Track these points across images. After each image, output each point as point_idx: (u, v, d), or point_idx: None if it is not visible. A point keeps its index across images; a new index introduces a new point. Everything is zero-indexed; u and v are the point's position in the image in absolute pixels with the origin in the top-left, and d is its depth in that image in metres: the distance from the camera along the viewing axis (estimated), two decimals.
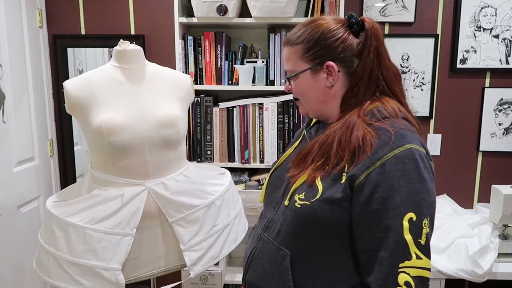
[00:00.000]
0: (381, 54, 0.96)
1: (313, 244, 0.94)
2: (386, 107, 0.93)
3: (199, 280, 2.06)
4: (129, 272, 1.34)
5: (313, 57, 0.97)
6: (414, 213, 0.83)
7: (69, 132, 2.33)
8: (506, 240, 1.87)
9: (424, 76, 2.21)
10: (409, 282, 0.82)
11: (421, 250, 0.83)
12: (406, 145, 0.86)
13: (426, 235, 0.84)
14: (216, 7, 1.91)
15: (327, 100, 0.99)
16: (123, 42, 1.40)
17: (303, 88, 1.01)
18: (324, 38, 0.95)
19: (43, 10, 2.21)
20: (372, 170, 0.85)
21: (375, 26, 0.95)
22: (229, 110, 2.07)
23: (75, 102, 1.34)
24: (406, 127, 0.90)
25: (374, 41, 0.94)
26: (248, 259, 1.06)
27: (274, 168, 1.13)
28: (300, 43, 0.98)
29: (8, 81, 1.91)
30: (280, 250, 0.97)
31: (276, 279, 0.97)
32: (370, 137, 0.88)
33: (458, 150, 2.28)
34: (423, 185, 0.85)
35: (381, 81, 0.96)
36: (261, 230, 1.05)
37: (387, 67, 0.96)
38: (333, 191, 0.89)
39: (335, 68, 0.95)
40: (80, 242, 1.28)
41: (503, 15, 2.14)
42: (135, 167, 1.34)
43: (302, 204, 0.92)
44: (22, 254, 2.01)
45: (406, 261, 0.83)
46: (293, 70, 1.01)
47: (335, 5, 1.96)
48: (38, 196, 2.17)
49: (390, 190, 0.84)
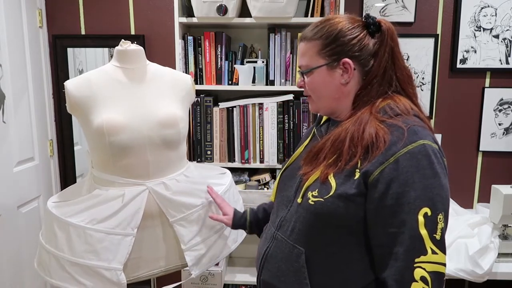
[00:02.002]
0: (396, 55, 0.97)
1: (327, 241, 0.94)
2: (398, 104, 0.95)
3: (199, 280, 2.06)
4: (130, 272, 1.34)
5: (330, 53, 0.97)
6: (429, 208, 0.84)
7: (69, 132, 2.32)
8: (506, 240, 1.87)
9: (424, 76, 2.21)
10: (425, 277, 0.83)
11: (436, 245, 0.84)
12: (419, 140, 0.87)
13: (441, 230, 0.85)
14: (216, 7, 1.91)
15: (340, 97, 1.00)
16: (124, 42, 1.40)
17: (317, 84, 1.01)
18: (342, 35, 0.96)
19: (43, 10, 2.21)
20: (386, 166, 0.86)
21: (391, 28, 0.98)
22: (229, 110, 2.07)
23: (76, 102, 1.34)
24: (419, 123, 0.91)
25: (390, 42, 0.96)
26: (262, 259, 1.06)
27: (285, 167, 1.13)
28: (318, 39, 0.98)
29: (8, 81, 1.91)
30: (295, 248, 0.97)
31: (291, 277, 0.98)
32: (383, 133, 0.88)
33: (458, 150, 2.28)
34: (437, 180, 0.85)
35: (394, 81, 0.97)
36: (274, 229, 1.05)
37: (401, 68, 0.98)
38: (346, 187, 0.90)
39: (351, 65, 0.96)
40: (81, 242, 1.28)
41: (503, 15, 2.14)
42: (135, 167, 1.34)
43: (316, 201, 0.93)
44: (22, 254, 2.01)
45: (422, 256, 0.83)
46: (308, 65, 1.01)
47: (335, 5, 1.96)
48: (38, 196, 2.17)
49: (404, 185, 0.85)
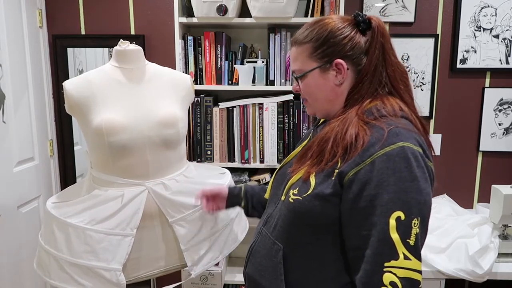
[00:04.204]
0: (387, 51, 0.96)
1: (304, 240, 0.95)
2: (385, 105, 0.93)
3: (199, 280, 2.06)
4: (130, 272, 1.34)
5: (322, 55, 0.96)
6: (402, 212, 0.81)
7: (69, 132, 2.33)
8: (506, 240, 1.86)
9: (424, 76, 2.21)
10: (395, 282, 0.80)
11: (409, 251, 0.81)
12: (399, 143, 0.84)
13: (416, 235, 0.81)
14: (216, 7, 1.91)
15: (335, 98, 0.99)
16: (123, 42, 1.40)
17: (312, 87, 1.00)
18: (332, 36, 0.95)
19: (43, 10, 2.21)
20: (362, 167, 0.85)
21: (381, 24, 0.97)
22: (229, 110, 2.07)
23: (75, 102, 1.34)
24: (404, 126, 0.89)
25: (380, 38, 0.95)
26: (248, 252, 1.08)
27: (281, 166, 1.14)
28: (308, 42, 0.98)
29: (8, 81, 1.91)
30: (275, 244, 0.98)
31: (270, 272, 0.99)
32: (363, 134, 0.87)
33: (458, 150, 2.28)
34: (415, 184, 0.83)
35: (384, 78, 0.95)
36: (261, 225, 1.07)
37: (392, 64, 0.96)
38: (323, 187, 0.90)
39: (344, 66, 0.95)
40: (81, 243, 1.28)
41: (503, 15, 2.14)
42: (135, 167, 1.34)
43: (295, 199, 0.93)
44: (22, 254, 2.01)
45: (392, 260, 0.80)
46: (301, 69, 1.00)
47: (335, 5, 1.95)
48: (38, 196, 2.17)
49: (378, 187, 0.83)
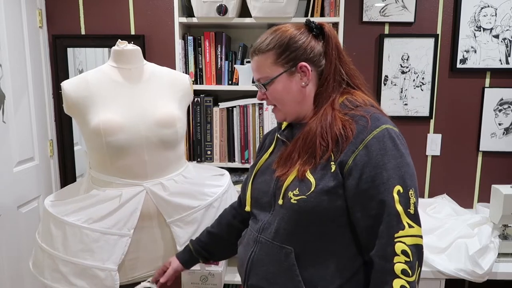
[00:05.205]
0: (340, 51, 1.05)
1: (314, 236, 0.97)
2: (355, 97, 1.02)
3: (199, 280, 2.05)
4: (128, 272, 1.34)
5: (286, 60, 1.02)
6: (400, 186, 0.91)
7: (69, 132, 2.33)
8: (506, 240, 1.86)
9: (424, 76, 2.20)
10: (406, 250, 0.89)
11: (411, 219, 0.90)
12: (382, 125, 0.94)
13: (414, 204, 0.91)
14: (216, 7, 1.91)
15: (302, 100, 1.05)
16: (121, 42, 1.40)
17: (280, 92, 1.05)
18: (293, 42, 1.02)
19: (43, 10, 2.21)
20: (358, 153, 0.93)
21: (332, 29, 1.06)
22: (229, 110, 2.07)
23: (73, 102, 1.34)
24: (377, 111, 0.99)
25: (334, 40, 1.04)
26: (247, 264, 1.06)
27: (253, 175, 1.13)
28: (271, 49, 1.04)
29: (8, 81, 1.91)
30: (283, 248, 0.99)
31: (282, 277, 0.99)
32: (349, 124, 0.95)
33: (458, 150, 2.27)
34: (403, 159, 0.93)
35: (344, 74, 1.04)
36: (257, 233, 1.06)
37: (346, 62, 1.05)
38: (325, 181, 0.94)
39: (308, 68, 1.02)
40: (77, 241, 1.28)
41: (503, 15, 2.13)
42: (133, 167, 1.34)
43: (298, 199, 0.95)
44: (22, 254, 2.01)
45: (400, 231, 0.89)
46: (267, 76, 1.05)
47: (335, 5, 1.95)
48: (38, 196, 2.18)
49: (376, 168, 0.91)
